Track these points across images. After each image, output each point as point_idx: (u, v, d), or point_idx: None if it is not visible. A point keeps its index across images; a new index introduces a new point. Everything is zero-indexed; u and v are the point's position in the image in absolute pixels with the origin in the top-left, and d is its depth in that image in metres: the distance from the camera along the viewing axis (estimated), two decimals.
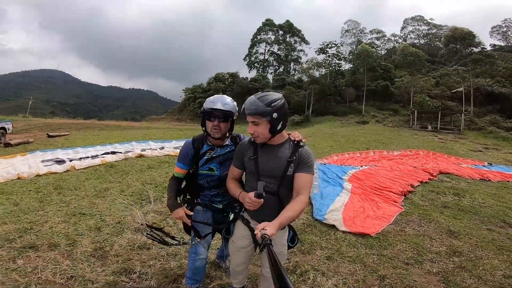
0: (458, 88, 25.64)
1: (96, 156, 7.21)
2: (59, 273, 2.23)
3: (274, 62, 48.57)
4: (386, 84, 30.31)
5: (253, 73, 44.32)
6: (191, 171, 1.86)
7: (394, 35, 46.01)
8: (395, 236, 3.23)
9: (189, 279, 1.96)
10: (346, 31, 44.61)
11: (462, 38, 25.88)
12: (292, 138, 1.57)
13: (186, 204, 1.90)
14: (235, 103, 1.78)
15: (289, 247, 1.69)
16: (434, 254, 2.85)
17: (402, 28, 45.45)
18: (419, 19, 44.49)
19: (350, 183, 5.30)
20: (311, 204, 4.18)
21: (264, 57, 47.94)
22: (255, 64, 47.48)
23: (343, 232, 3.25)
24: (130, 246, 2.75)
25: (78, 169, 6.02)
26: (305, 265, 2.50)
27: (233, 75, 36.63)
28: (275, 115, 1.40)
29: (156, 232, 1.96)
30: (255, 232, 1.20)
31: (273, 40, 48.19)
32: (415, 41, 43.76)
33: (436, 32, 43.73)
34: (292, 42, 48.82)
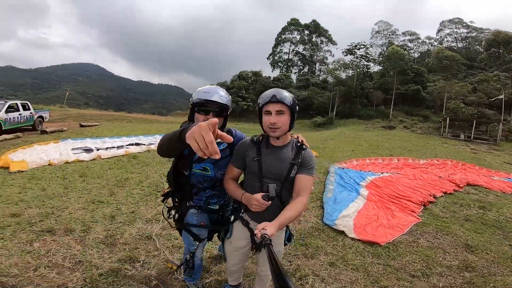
0: (499, 96, 23.53)
1: (121, 146, 7.57)
2: (69, 257, 2.37)
3: (299, 62, 47.82)
4: (418, 88, 28.64)
5: (276, 72, 44.04)
6: (183, 173, 1.70)
7: (429, 37, 43.18)
8: (406, 246, 3.07)
9: (187, 276, 1.99)
10: (377, 32, 42.74)
11: (506, 42, 23.75)
12: (296, 140, 1.56)
13: (175, 210, 1.81)
14: (230, 96, 1.66)
15: (284, 245, 1.70)
16: (444, 268, 2.69)
17: (438, 31, 42.40)
18: (457, 22, 41.29)
19: (367, 189, 5.09)
20: (322, 208, 4.08)
21: (288, 56, 47.32)
22: (279, 64, 47.03)
23: (352, 239, 3.14)
24: (139, 235, 2.85)
25: (103, 158, 6.35)
26: (306, 269, 2.45)
27: (256, 74, 36.61)
28: (297, 108, 1.46)
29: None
30: (255, 232, 1.20)
31: (298, 39, 47.40)
32: (452, 45, 40.74)
33: (476, 35, 40.38)
34: (318, 42, 47.74)
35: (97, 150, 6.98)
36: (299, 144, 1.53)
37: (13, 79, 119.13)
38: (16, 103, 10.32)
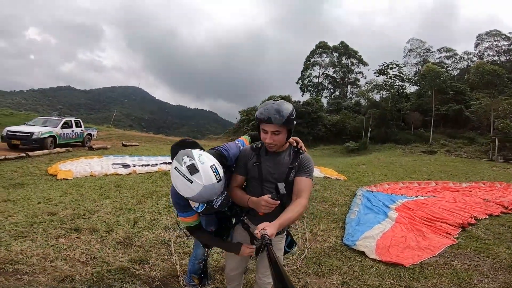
0: None
1: (156, 164, 8.12)
2: (86, 253, 2.56)
3: (329, 85, 47.26)
4: (460, 107, 26.00)
5: (306, 97, 43.81)
6: None
7: (467, 52, 39.46)
8: (436, 269, 2.73)
9: (189, 278, 2.03)
10: (410, 50, 40.80)
11: None
12: (294, 144, 1.60)
13: None
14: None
15: (285, 252, 1.67)
16: None
17: (477, 45, 38.60)
18: (495, 34, 37.40)
19: (397, 212, 4.68)
20: (343, 229, 3.85)
21: (318, 80, 47.02)
22: (309, 87, 46.78)
23: (372, 260, 2.87)
24: (155, 240, 2.99)
25: (138, 173, 6.90)
26: (315, 287, 2.29)
27: (285, 98, 36.79)
28: (294, 123, 1.46)
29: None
30: (255, 232, 1.20)
31: (327, 62, 46.99)
32: (494, 58, 36.84)
33: None
34: (349, 64, 46.86)
35: (134, 166, 7.61)
36: (296, 149, 1.57)
37: (71, 99, 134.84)
38: (70, 120, 11.81)
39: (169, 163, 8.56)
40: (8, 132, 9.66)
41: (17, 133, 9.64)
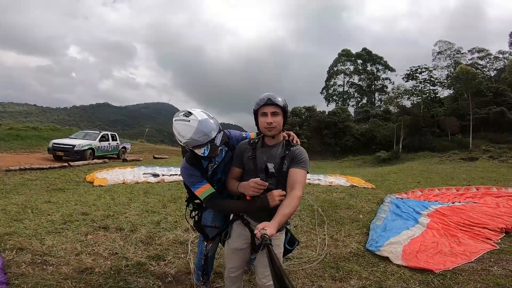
0: None
1: None
2: (109, 249, 2.74)
3: (356, 94, 45.86)
4: (501, 110, 23.37)
5: (331, 106, 42.73)
6: None
7: (501, 52, 35.91)
8: (471, 274, 2.45)
9: (197, 275, 2.09)
10: (438, 53, 38.11)
11: None
12: (287, 137, 1.67)
13: (196, 212, 1.95)
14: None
15: (287, 251, 1.65)
16: None
17: (511, 43, 35.37)
18: None
19: (429, 218, 4.31)
20: (367, 234, 3.64)
21: (343, 89, 45.87)
22: (334, 97, 45.69)
23: (398, 266, 2.65)
24: (175, 240, 3.10)
25: (166, 182, 7.26)
26: None
27: (310, 109, 35.75)
28: (288, 110, 1.59)
29: None
30: (255, 232, 1.22)
31: (352, 70, 45.87)
32: None
33: None
34: (374, 71, 45.27)
35: (163, 175, 8.05)
36: (287, 141, 1.63)
37: (108, 115, 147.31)
38: (107, 134, 12.84)
39: None
40: (53, 144, 10.79)
41: (61, 145, 10.72)
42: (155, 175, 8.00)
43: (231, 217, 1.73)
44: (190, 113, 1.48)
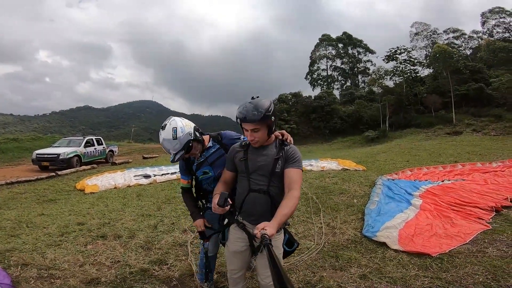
0: None
1: (174, 172, 8.39)
2: (110, 258, 2.71)
3: (339, 77, 46.21)
4: (480, 86, 24.44)
5: (317, 91, 43.09)
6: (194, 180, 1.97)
7: (475, 31, 37.30)
8: (468, 257, 2.54)
9: (200, 275, 2.13)
10: (416, 34, 39.08)
11: None
12: (280, 137, 1.65)
13: (203, 200, 2.03)
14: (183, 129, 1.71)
15: (287, 252, 1.64)
16: None
17: (483, 23, 36.28)
18: (499, 11, 34.97)
19: (421, 198, 4.46)
20: (363, 220, 3.73)
21: (327, 73, 46.14)
22: (318, 81, 46.02)
23: (395, 251, 2.73)
24: (174, 242, 3.09)
25: (158, 182, 7.16)
26: (331, 281, 2.23)
27: (296, 95, 36.02)
28: (272, 118, 1.50)
29: None
30: (255, 232, 1.20)
31: (334, 54, 46.06)
32: (506, 35, 34.54)
33: None
34: (356, 54, 45.83)
35: (154, 176, 7.92)
36: (281, 141, 1.61)
37: (91, 118, 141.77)
38: (92, 139, 12.45)
39: None
40: (37, 155, 10.39)
41: (45, 155, 10.34)
42: (147, 176, 7.88)
43: (225, 221, 1.74)
44: (162, 128, 1.67)
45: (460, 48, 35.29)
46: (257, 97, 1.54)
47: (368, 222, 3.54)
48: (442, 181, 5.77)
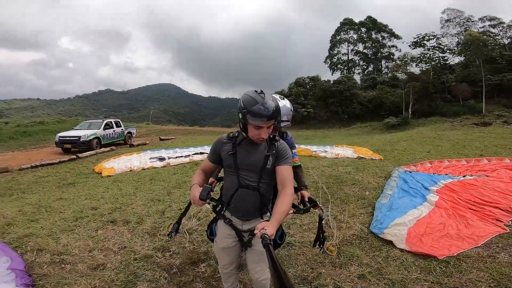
0: None
1: (188, 155, 8.58)
2: (118, 243, 2.81)
3: (361, 62, 44.57)
4: None
5: (336, 75, 41.81)
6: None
7: None
8: (476, 262, 2.38)
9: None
10: (447, 20, 36.10)
11: None
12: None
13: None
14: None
15: (277, 244, 1.63)
16: None
17: None
18: None
19: (438, 194, 4.22)
20: (372, 214, 3.61)
21: (348, 57, 44.55)
22: (338, 66, 44.64)
23: (401, 250, 2.62)
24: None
25: (171, 165, 7.33)
26: (328, 279, 2.18)
27: (314, 79, 35.18)
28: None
29: None
30: (255, 232, 1.20)
31: (356, 38, 44.41)
32: None
33: None
34: (380, 39, 43.68)
35: (168, 158, 8.12)
36: (271, 136, 1.56)
37: (112, 101, 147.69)
38: (111, 121, 12.91)
39: (201, 153, 9.07)
40: (59, 138, 10.95)
41: (67, 138, 10.87)
42: (161, 159, 8.09)
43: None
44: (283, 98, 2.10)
45: (497, 37, 32.52)
46: (262, 91, 1.46)
47: (377, 218, 3.41)
48: (464, 176, 5.42)
